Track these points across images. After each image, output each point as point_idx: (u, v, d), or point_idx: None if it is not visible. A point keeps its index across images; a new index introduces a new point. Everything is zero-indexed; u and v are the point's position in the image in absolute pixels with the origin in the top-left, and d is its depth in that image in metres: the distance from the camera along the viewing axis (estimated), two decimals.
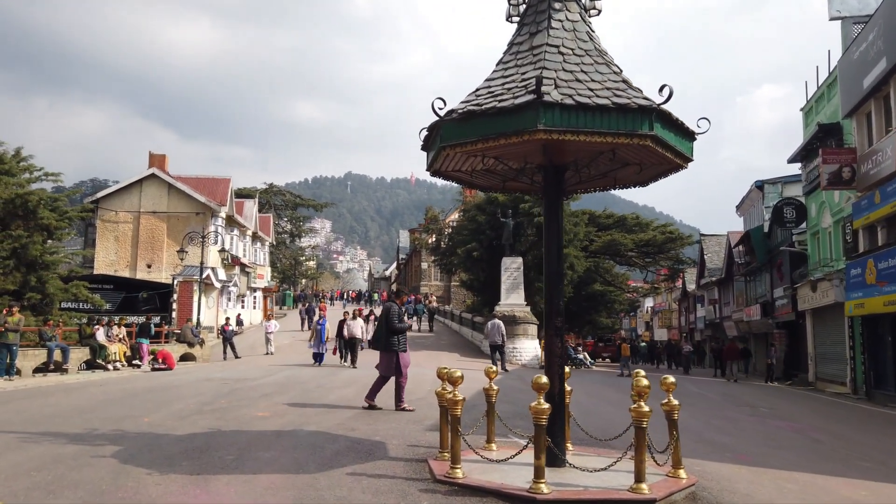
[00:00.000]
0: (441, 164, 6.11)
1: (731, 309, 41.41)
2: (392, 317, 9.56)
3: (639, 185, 6.54)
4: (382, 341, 9.66)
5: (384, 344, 9.59)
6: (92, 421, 8.07)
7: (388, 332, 9.55)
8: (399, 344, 9.54)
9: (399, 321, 9.60)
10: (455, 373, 5.62)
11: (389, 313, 9.61)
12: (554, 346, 5.81)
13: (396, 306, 9.81)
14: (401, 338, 9.58)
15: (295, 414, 8.96)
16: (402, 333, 9.63)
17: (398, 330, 9.54)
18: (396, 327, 9.52)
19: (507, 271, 26.38)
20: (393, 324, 9.50)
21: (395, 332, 9.52)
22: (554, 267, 5.88)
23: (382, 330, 9.66)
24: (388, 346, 9.54)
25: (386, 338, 9.59)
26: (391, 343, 9.51)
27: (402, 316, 9.85)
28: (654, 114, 5.03)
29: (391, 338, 9.53)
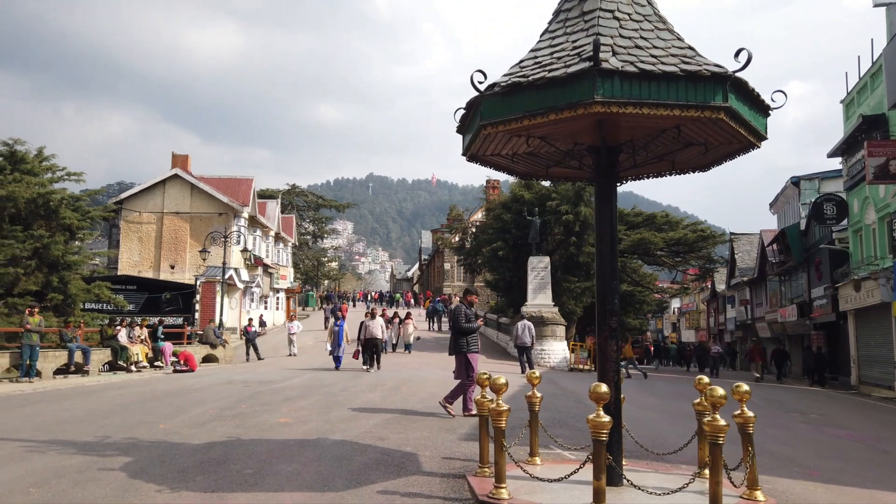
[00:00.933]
0: (479, 148, 5.51)
1: (764, 310, 40.16)
2: (459, 317, 9.15)
3: (699, 170, 5.86)
4: (452, 344, 9.33)
5: (453, 346, 9.26)
6: (105, 427, 7.61)
7: (456, 333, 9.17)
8: (468, 345, 9.13)
9: (467, 321, 9.16)
10: (499, 379, 5.01)
11: (457, 314, 9.21)
12: (608, 350, 5.17)
13: (464, 306, 9.32)
14: (470, 339, 9.15)
15: (319, 420, 8.41)
16: (472, 334, 9.18)
17: (466, 330, 9.13)
18: (463, 327, 9.12)
19: (534, 271, 25.66)
20: (460, 324, 9.13)
21: (464, 333, 9.12)
22: (607, 261, 5.23)
23: (452, 332, 9.36)
24: (456, 348, 9.19)
25: (454, 339, 9.24)
26: (459, 345, 9.15)
27: (472, 316, 9.34)
28: (729, 83, 4.38)
29: (459, 339, 9.15)
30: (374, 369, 16.79)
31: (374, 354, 17.15)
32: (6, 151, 20.32)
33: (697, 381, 5.70)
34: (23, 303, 18.64)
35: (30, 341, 15.18)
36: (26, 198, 19.01)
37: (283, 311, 44.80)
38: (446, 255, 59.93)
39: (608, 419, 4.20)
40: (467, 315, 9.24)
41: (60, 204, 20.33)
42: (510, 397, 11.42)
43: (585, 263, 26.80)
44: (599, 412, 4.24)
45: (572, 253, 26.50)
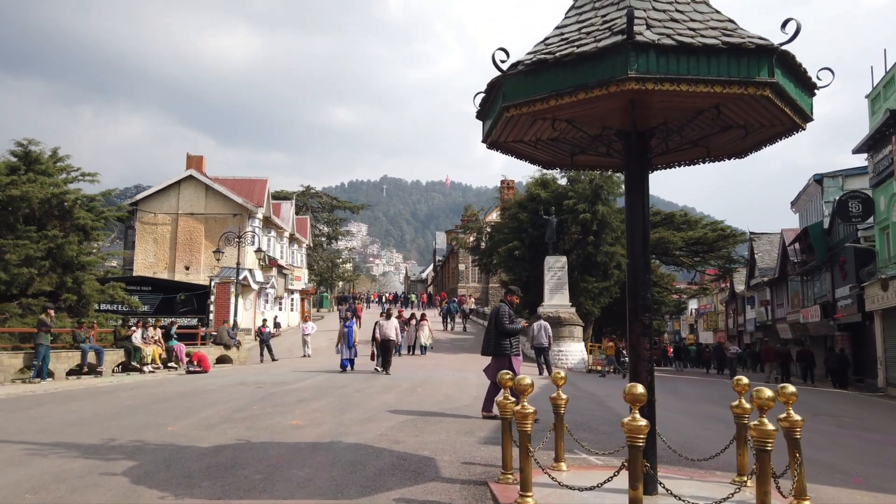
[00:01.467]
0: (500, 134, 5.17)
1: (784, 310, 39.39)
2: (502, 317, 8.65)
3: (736, 156, 5.49)
4: (492, 345, 8.81)
5: (494, 347, 8.74)
6: (111, 430, 7.36)
7: (498, 333, 8.64)
8: (511, 347, 8.63)
9: (510, 322, 8.66)
10: (523, 380, 4.66)
11: (499, 314, 8.69)
12: (641, 349, 4.80)
13: (506, 306, 8.85)
14: (513, 340, 8.67)
15: (332, 423, 8.12)
16: (515, 336, 8.68)
17: (509, 332, 8.62)
18: (507, 328, 8.60)
19: (551, 270, 25.24)
20: (503, 325, 8.60)
21: (507, 335, 8.62)
22: (639, 254, 4.87)
23: (491, 332, 8.84)
24: (498, 350, 8.64)
25: (496, 340, 8.68)
26: (502, 346, 8.61)
27: (514, 316, 8.80)
28: (775, 56, 4.01)
29: (502, 340, 8.61)
30: (383, 372, 16.10)
31: (385, 356, 16.48)
32: (21, 152, 20.29)
33: (735, 382, 5.33)
34: (37, 303, 18.59)
35: (45, 341, 15.14)
36: (40, 198, 18.95)
37: (297, 312, 44.70)
38: (461, 256, 59.58)
39: (645, 423, 3.85)
40: (510, 315, 8.74)
41: (75, 204, 20.28)
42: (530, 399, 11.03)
43: (603, 263, 26.33)
44: (635, 415, 3.88)
45: (590, 252, 26.03)
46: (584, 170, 6.00)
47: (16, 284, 18.26)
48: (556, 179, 28.38)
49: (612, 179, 26.37)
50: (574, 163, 5.85)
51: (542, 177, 28.28)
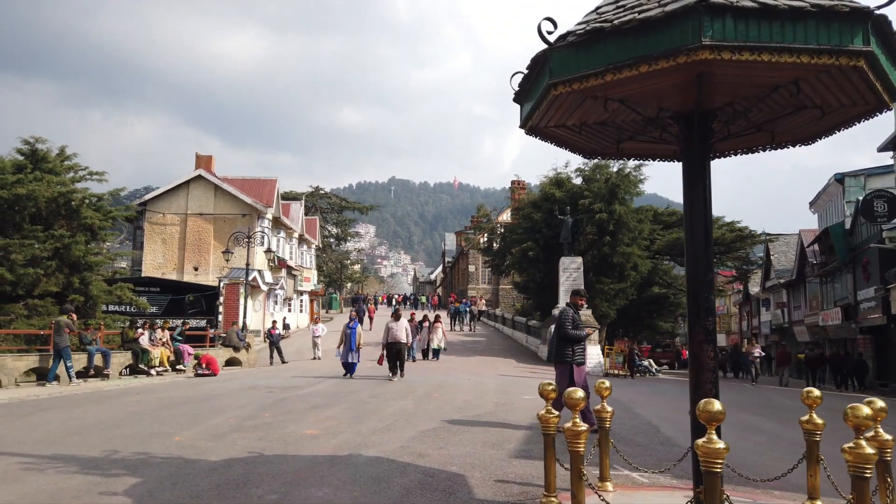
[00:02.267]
0: (542, 117, 4.65)
1: (802, 313, 38.63)
2: (566, 322, 8.03)
3: (803, 142, 4.94)
4: (554, 351, 8.28)
5: (556, 354, 8.18)
6: (114, 440, 6.88)
7: (560, 339, 8.07)
8: (574, 355, 8.00)
9: (574, 327, 8.02)
10: (574, 393, 4.13)
11: (562, 318, 8.10)
12: (704, 358, 4.26)
13: (571, 309, 8.20)
14: (576, 347, 8.04)
15: (349, 432, 7.61)
16: (578, 342, 8.06)
17: (572, 338, 8.00)
18: (569, 334, 7.99)
19: (566, 272, 24.66)
20: (565, 330, 8.00)
21: (569, 341, 8.00)
22: (700, 251, 4.33)
23: (554, 338, 8.31)
24: (560, 357, 8.08)
25: (557, 347, 8.13)
26: (563, 354, 8.02)
27: (579, 322, 8.16)
28: (871, 22, 3.47)
29: (564, 347, 8.03)
30: (396, 377, 15.16)
31: (397, 360, 15.40)
32: (27, 150, 19.95)
33: (806, 394, 4.78)
34: (43, 304, 18.21)
35: (67, 343, 14.83)
36: (47, 197, 18.57)
37: (306, 313, 44.29)
38: (471, 257, 59.04)
39: (724, 446, 3.31)
40: (574, 320, 8.08)
41: (82, 203, 19.90)
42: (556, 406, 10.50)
43: (619, 264, 25.73)
44: (712, 436, 3.34)
45: (606, 253, 25.44)
46: (631, 159, 5.46)
47: (22, 285, 17.87)
48: (570, 178, 27.83)
49: (628, 178, 25.79)
50: (620, 151, 5.31)
51: (556, 176, 27.73)
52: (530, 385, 15.35)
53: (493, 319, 41.46)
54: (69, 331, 15.01)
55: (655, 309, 33.60)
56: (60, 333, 14.89)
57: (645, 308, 32.25)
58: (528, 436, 7.68)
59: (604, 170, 26.59)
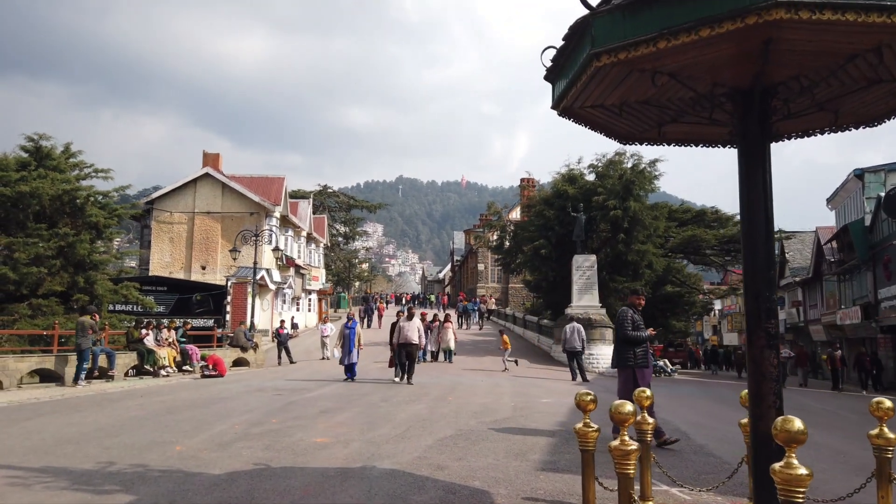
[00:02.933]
0: (579, 95, 4.14)
1: (819, 311, 37.88)
2: (625, 323, 7.47)
3: (868, 124, 4.43)
4: (614, 355, 7.80)
5: (616, 359, 7.69)
6: (111, 449, 6.45)
7: (620, 342, 7.58)
8: (636, 358, 7.40)
9: (633, 328, 7.44)
10: (623, 407, 3.63)
11: (620, 319, 7.54)
12: (766, 366, 3.76)
13: (630, 310, 7.61)
14: (637, 350, 7.42)
15: (361, 440, 7.15)
16: (640, 345, 7.45)
17: (632, 340, 7.42)
18: (629, 336, 7.42)
19: (580, 270, 24.14)
20: (625, 332, 7.45)
21: (631, 343, 7.43)
22: (760, 244, 3.84)
23: (615, 341, 7.87)
24: (621, 362, 7.54)
25: (618, 351, 7.64)
26: (625, 357, 7.46)
27: (640, 323, 7.54)
28: None
29: (625, 351, 7.47)
30: (403, 381, 14.11)
31: (406, 363, 14.24)
32: (31, 147, 19.63)
33: (875, 405, 4.28)
34: (47, 304, 17.88)
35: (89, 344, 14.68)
36: (51, 194, 18.23)
37: (315, 313, 43.93)
38: (480, 255, 58.53)
39: (806, 472, 2.81)
40: (634, 321, 7.49)
41: (87, 201, 19.56)
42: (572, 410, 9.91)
43: (634, 262, 25.17)
44: (792, 460, 2.85)
45: (620, 251, 24.88)
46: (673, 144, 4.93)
47: (26, 284, 17.55)
48: (583, 175, 27.27)
49: (643, 174, 25.21)
50: (661, 134, 4.81)
51: (569, 172, 27.18)
52: (547, 387, 14.86)
53: (503, 318, 40.96)
54: (92, 331, 14.82)
55: (669, 308, 32.98)
56: (84, 334, 14.67)
57: (658, 307, 31.62)
58: (553, 444, 7.20)
59: (618, 166, 26.03)
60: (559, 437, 7.68)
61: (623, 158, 26.12)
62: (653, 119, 4.62)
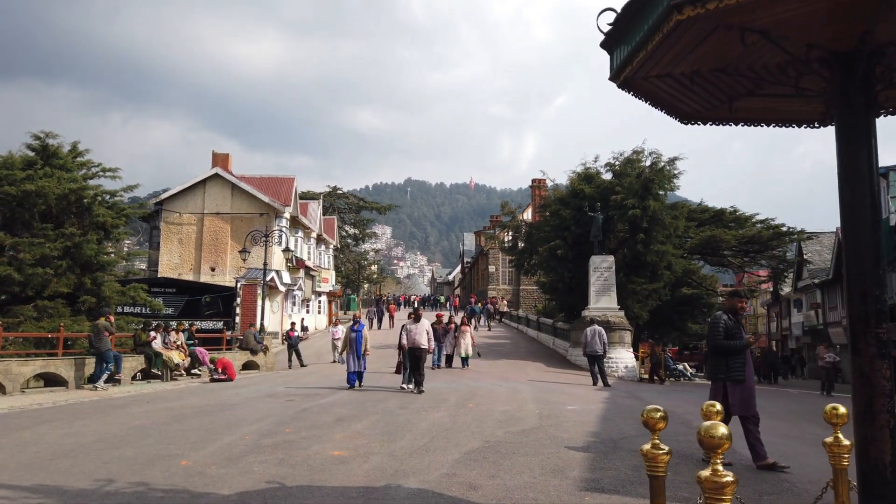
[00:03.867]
0: (644, 63, 3.57)
1: (839, 314, 36.99)
2: (714, 330, 6.59)
3: None
4: (709, 366, 7.04)
5: (708, 369, 7.11)
6: (111, 464, 5.91)
7: (712, 352, 6.74)
8: (728, 370, 6.43)
9: (726, 335, 6.51)
10: (714, 429, 3.02)
11: (714, 326, 6.65)
12: (877, 378, 3.17)
13: (725, 315, 6.70)
14: (731, 361, 6.42)
15: (382, 454, 6.58)
16: (736, 355, 6.44)
17: (723, 349, 6.50)
18: (720, 344, 6.51)
19: (597, 271, 23.50)
20: (716, 340, 6.54)
21: (722, 353, 6.53)
22: (866, 238, 3.25)
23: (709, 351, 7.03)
24: (712, 373, 6.76)
25: (709, 361, 6.88)
26: (715, 368, 6.62)
27: (735, 330, 6.59)
28: None
29: (716, 361, 6.59)
30: (411, 388, 12.81)
31: (416, 368, 12.94)
32: (38, 145, 19.22)
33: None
34: (53, 306, 17.45)
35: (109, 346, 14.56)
36: (57, 194, 17.81)
37: (325, 314, 43.46)
38: (491, 257, 57.91)
39: None
40: (728, 327, 6.53)
41: (94, 200, 19.15)
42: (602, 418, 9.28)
43: (653, 263, 24.47)
44: None
45: (639, 251, 24.19)
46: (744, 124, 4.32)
47: (31, 286, 17.11)
48: (600, 174, 26.62)
49: (662, 172, 24.52)
50: (732, 111, 4.21)
51: (585, 171, 26.54)
52: (569, 392, 14.25)
53: (515, 321, 40.33)
54: (108, 333, 14.60)
55: (687, 310, 32.23)
56: (100, 337, 14.40)
57: (676, 310, 30.91)
58: (591, 459, 6.60)
59: (635, 164, 25.36)
60: (595, 451, 7.08)
61: (641, 157, 25.46)
62: (725, 92, 4.04)
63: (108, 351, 14.58)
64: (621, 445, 7.49)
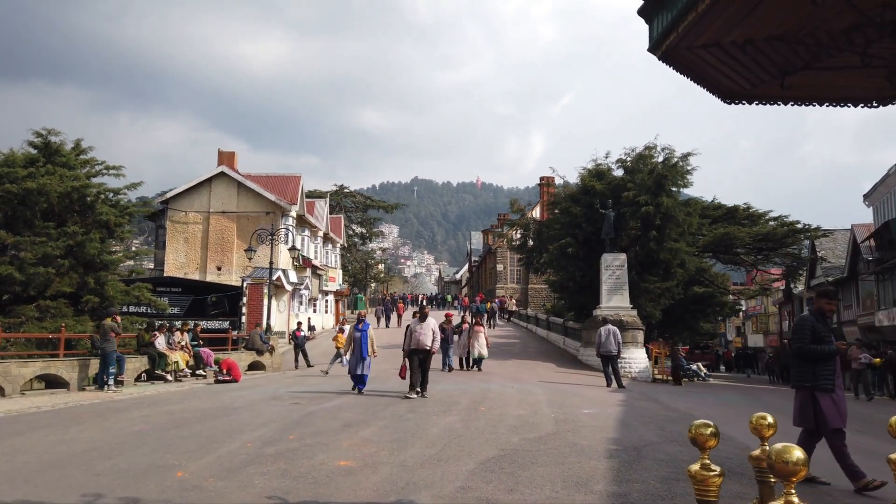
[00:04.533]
0: (689, 31, 3.13)
1: (854, 312, 36.36)
2: (800, 333, 5.86)
3: None
4: (794, 373, 6.07)
5: (792, 377, 6.17)
6: (101, 476, 5.52)
7: (797, 357, 5.96)
8: (817, 377, 5.73)
9: (813, 339, 5.77)
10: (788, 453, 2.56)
11: (797, 328, 5.97)
12: None
13: (812, 317, 5.92)
14: (819, 369, 5.73)
15: (392, 464, 6.17)
16: (825, 361, 5.77)
17: (810, 355, 5.78)
18: (807, 349, 5.79)
19: (609, 269, 23.02)
20: (802, 344, 5.83)
21: (808, 358, 5.81)
22: None
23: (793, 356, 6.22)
24: (797, 381, 5.96)
25: (795, 368, 6.02)
26: (801, 376, 5.88)
27: (823, 332, 5.83)
28: None
29: (803, 368, 5.86)
30: (415, 395, 11.80)
31: (421, 370, 12.00)
32: (40, 143, 18.93)
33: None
34: (56, 305, 17.15)
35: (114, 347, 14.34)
36: (59, 192, 17.50)
37: (332, 314, 43.12)
38: (499, 256, 57.44)
39: None
40: (815, 331, 5.80)
41: (97, 199, 18.85)
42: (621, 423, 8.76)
43: (665, 261, 23.96)
44: None
45: (651, 249, 23.67)
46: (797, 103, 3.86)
47: (33, 285, 16.82)
48: (611, 170, 26.12)
49: (675, 168, 24.00)
50: (784, 87, 3.76)
51: (596, 168, 26.05)
52: (583, 395, 13.79)
53: (524, 320, 39.85)
54: (114, 334, 14.39)
55: (700, 309, 31.67)
56: (107, 338, 14.16)
57: (688, 308, 30.36)
58: (615, 469, 6.16)
59: (648, 160, 24.85)
60: (619, 460, 6.64)
61: (653, 152, 24.95)
62: (778, 65, 3.59)
63: (112, 352, 14.31)
64: (645, 454, 7.05)
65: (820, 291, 6.22)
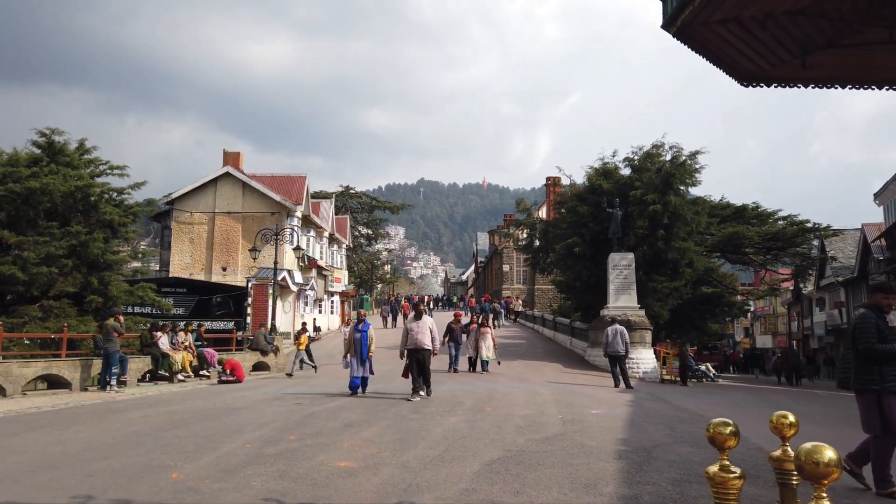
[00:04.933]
0: (706, 5, 2.93)
1: None
2: (863, 332, 5.37)
3: None
4: (852, 374, 5.57)
5: (854, 379, 5.62)
6: (95, 477, 5.36)
7: (859, 358, 5.45)
8: (883, 379, 5.27)
9: (879, 338, 5.32)
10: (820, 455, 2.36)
11: (861, 326, 5.44)
12: None
13: (874, 315, 5.43)
14: (886, 370, 5.28)
15: (394, 465, 5.98)
16: (890, 361, 5.30)
17: (877, 354, 5.31)
18: (874, 349, 5.32)
19: (616, 269, 22.78)
20: (867, 343, 5.35)
21: (873, 359, 5.34)
22: None
23: (850, 355, 5.78)
24: (860, 383, 5.44)
25: (857, 369, 5.48)
26: (866, 377, 5.37)
27: (887, 331, 5.38)
28: None
29: (867, 369, 5.38)
30: (416, 397, 11.37)
31: (420, 371, 11.66)
32: (44, 143, 18.87)
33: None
34: (59, 306, 17.06)
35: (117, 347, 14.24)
36: (63, 191, 17.41)
37: (337, 315, 43.00)
38: (505, 256, 57.21)
39: None
40: (880, 328, 5.35)
41: (101, 198, 18.77)
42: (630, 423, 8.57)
43: (673, 260, 23.69)
44: None
45: (659, 248, 23.41)
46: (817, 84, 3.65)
47: (36, 285, 16.73)
48: (618, 169, 25.88)
49: (684, 167, 23.74)
50: (805, 67, 3.55)
51: (603, 166, 25.82)
52: (591, 395, 13.58)
53: (530, 320, 39.62)
54: (117, 334, 14.29)
55: (708, 309, 31.34)
56: (110, 338, 14.07)
57: (697, 309, 30.05)
58: (625, 471, 5.96)
59: (655, 158, 24.60)
60: (628, 461, 6.44)
61: (661, 151, 24.69)
62: (799, 43, 3.40)
63: (115, 353, 14.21)
64: (655, 455, 6.84)
65: (875, 285, 5.78)
